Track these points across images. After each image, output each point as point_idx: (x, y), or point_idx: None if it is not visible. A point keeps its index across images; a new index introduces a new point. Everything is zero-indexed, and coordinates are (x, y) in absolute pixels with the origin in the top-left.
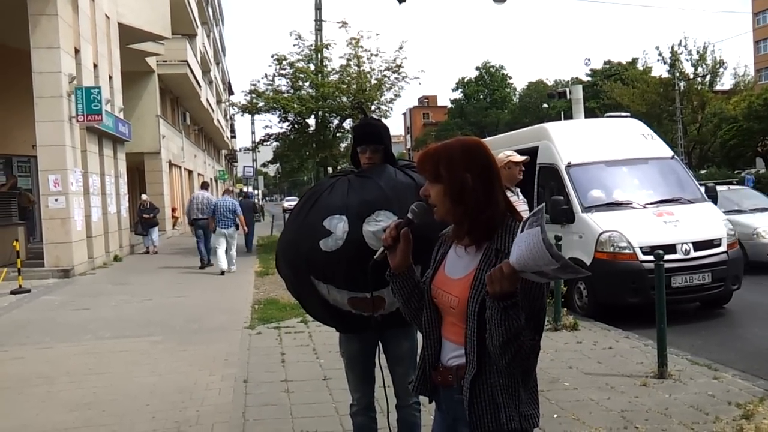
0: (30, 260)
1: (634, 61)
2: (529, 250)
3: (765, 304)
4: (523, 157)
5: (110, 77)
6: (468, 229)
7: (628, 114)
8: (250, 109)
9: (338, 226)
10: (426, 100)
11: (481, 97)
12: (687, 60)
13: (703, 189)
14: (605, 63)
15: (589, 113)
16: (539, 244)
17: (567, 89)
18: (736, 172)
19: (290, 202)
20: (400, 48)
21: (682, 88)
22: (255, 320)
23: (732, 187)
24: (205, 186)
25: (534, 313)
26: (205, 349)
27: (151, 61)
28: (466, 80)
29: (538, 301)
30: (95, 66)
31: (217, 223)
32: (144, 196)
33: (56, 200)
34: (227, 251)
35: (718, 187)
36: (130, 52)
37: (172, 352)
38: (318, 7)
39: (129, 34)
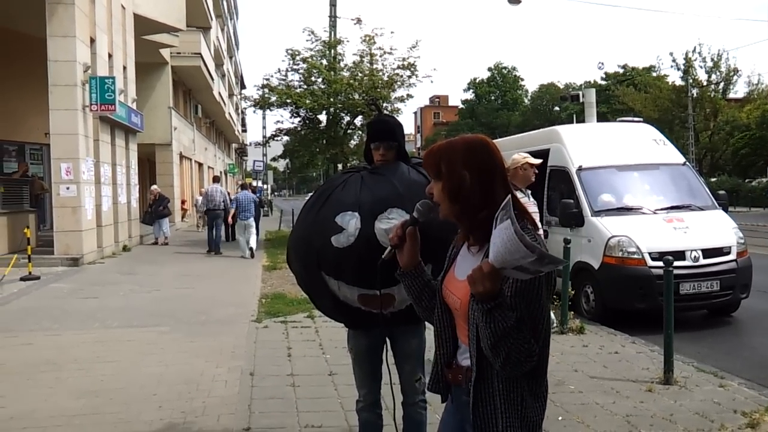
0: (40, 247)
1: (651, 68)
2: (504, 244)
3: None
4: (539, 161)
5: (124, 67)
6: (468, 228)
7: (641, 119)
8: (262, 103)
9: (350, 222)
10: (437, 100)
11: (493, 98)
12: (701, 67)
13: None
14: (621, 67)
15: (601, 118)
16: (512, 236)
17: (580, 92)
18: (747, 180)
19: None
20: (414, 47)
21: (695, 95)
22: (262, 314)
23: None
24: (216, 180)
25: (532, 317)
26: (212, 341)
27: (165, 53)
28: (477, 81)
29: (535, 304)
30: (110, 56)
31: (239, 214)
32: (153, 187)
33: (67, 188)
34: (248, 239)
35: None
36: (144, 43)
37: (179, 343)
38: (332, 4)
39: (144, 25)
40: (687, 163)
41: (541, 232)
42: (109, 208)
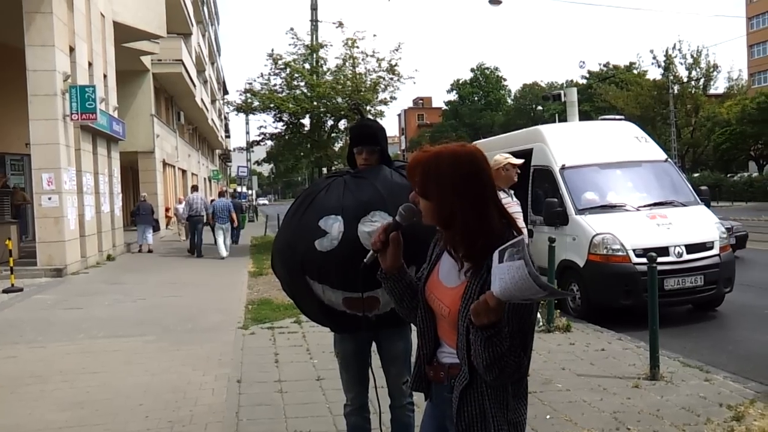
0: (22, 259)
1: (632, 65)
2: (514, 282)
3: (756, 306)
4: (521, 161)
5: (105, 76)
6: (465, 256)
7: (622, 117)
8: (245, 108)
9: (333, 226)
10: (421, 102)
11: (476, 98)
12: (681, 63)
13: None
14: (602, 66)
15: (583, 116)
16: (524, 276)
17: (562, 92)
18: (728, 175)
19: None
20: (396, 49)
21: (675, 91)
22: (248, 320)
23: None
24: (195, 189)
25: (522, 331)
26: (199, 348)
27: (146, 60)
28: (460, 82)
29: (526, 319)
30: (90, 64)
31: (216, 219)
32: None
33: (49, 199)
34: (224, 240)
35: None
36: (125, 51)
37: (165, 352)
38: (314, 7)
39: (124, 33)
40: (669, 159)
41: (525, 232)
42: (92, 218)
